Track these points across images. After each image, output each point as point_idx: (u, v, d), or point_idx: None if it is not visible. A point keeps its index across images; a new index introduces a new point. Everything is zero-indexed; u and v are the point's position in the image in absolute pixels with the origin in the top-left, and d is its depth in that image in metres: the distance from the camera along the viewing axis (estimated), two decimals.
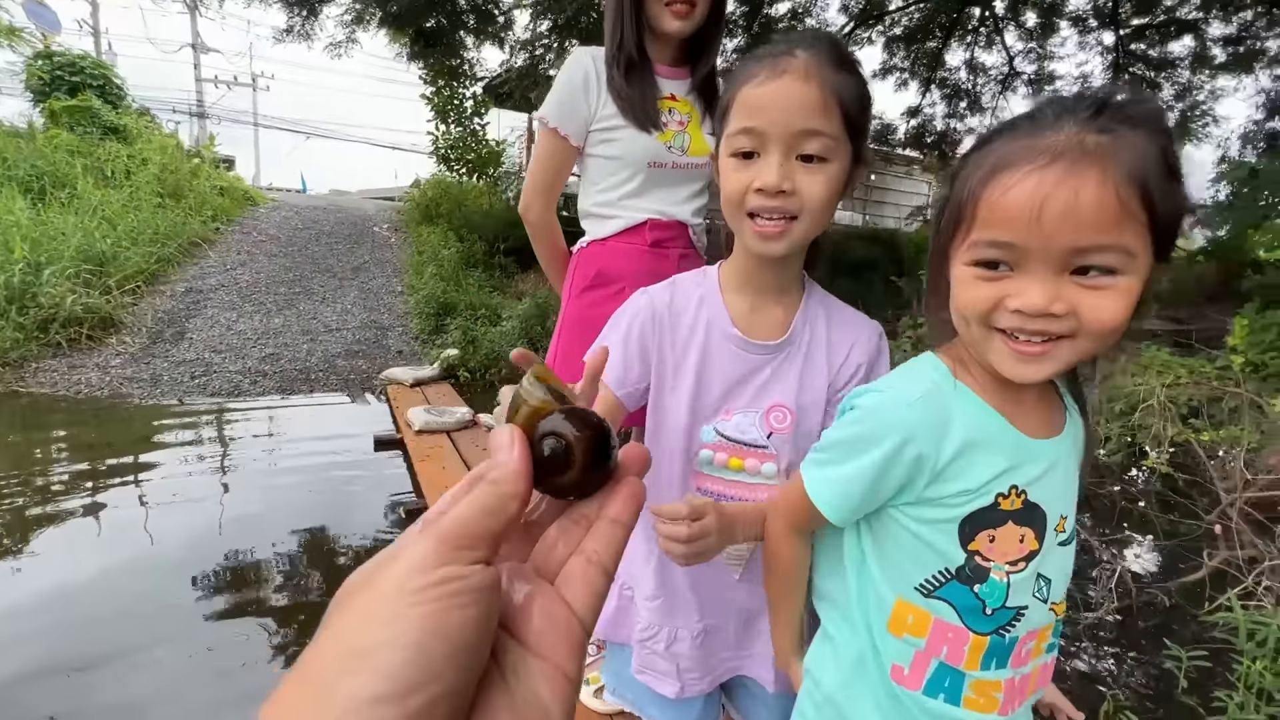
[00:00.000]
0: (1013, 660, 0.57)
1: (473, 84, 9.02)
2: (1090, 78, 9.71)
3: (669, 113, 1.16)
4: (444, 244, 7.48)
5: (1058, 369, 0.52)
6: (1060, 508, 0.57)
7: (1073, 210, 0.46)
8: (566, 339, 1.21)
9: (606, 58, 1.14)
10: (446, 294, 5.57)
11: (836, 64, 0.62)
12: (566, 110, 1.15)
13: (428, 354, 4.56)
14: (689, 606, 0.77)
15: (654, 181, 1.16)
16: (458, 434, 2.99)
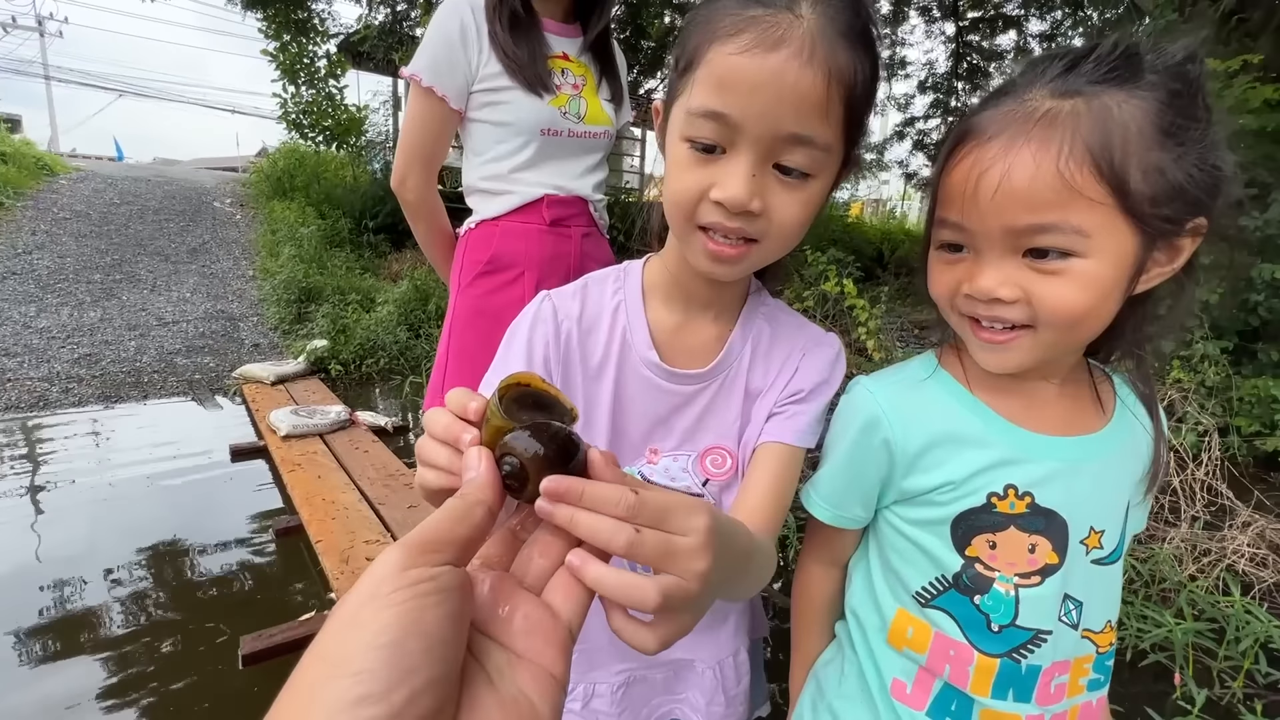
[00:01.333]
0: (1038, 695, 0.51)
1: (325, 41, 8.09)
2: (935, 64, 10.64)
3: (561, 74, 1.03)
4: (302, 221, 6.71)
5: (1026, 360, 0.48)
6: (1092, 518, 0.50)
7: (1006, 186, 0.42)
8: (459, 335, 1.07)
9: (487, 9, 0.99)
10: (309, 277, 4.99)
11: (852, 31, 0.45)
12: (443, 67, 0.98)
13: (290, 346, 4.06)
14: (608, 657, 0.65)
15: (548, 151, 1.04)
16: (333, 436, 2.68)
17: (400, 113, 9.24)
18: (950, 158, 0.47)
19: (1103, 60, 0.42)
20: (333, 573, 1.69)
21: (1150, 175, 0.41)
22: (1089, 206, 0.42)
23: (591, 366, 0.59)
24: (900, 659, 0.56)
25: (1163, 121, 0.41)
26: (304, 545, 1.97)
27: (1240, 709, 1.38)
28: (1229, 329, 3.31)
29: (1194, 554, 1.77)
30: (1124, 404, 0.53)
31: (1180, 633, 1.42)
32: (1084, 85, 0.42)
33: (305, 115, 8.54)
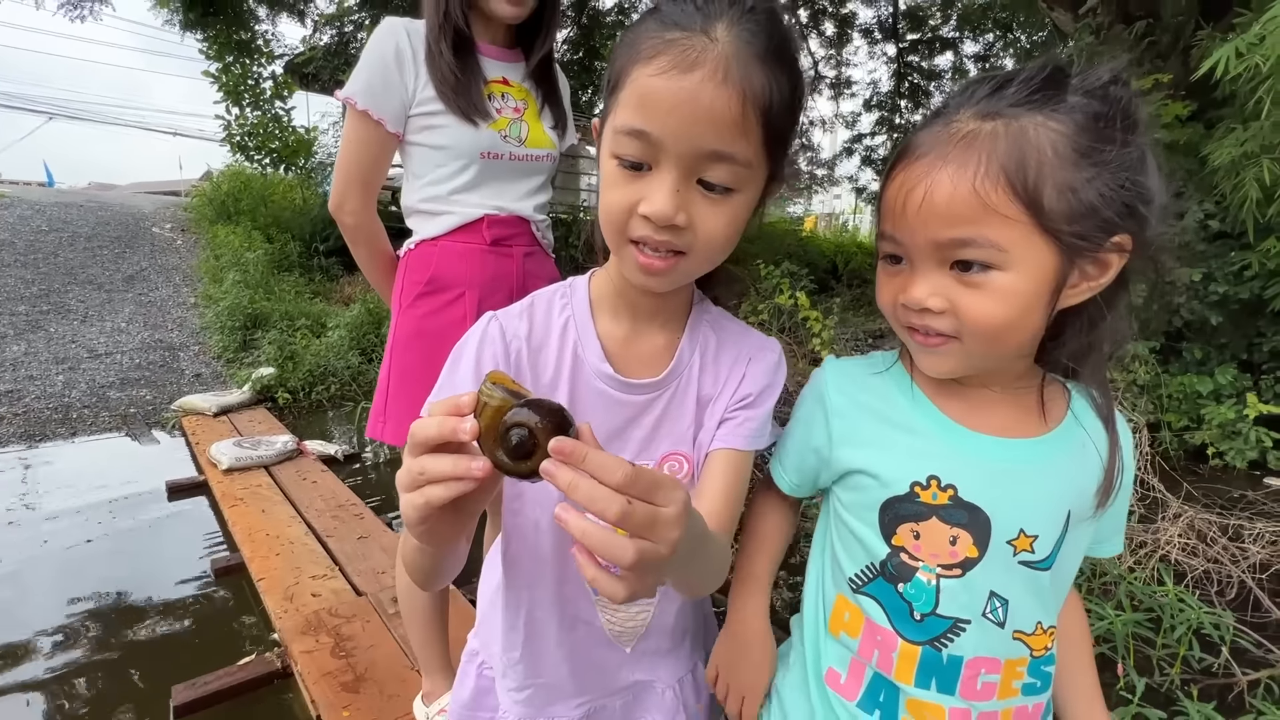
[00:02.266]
0: (962, 688, 0.52)
1: (270, 62, 7.92)
2: (879, 84, 11.09)
3: (502, 98, 1.04)
4: (248, 245, 6.50)
5: (957, 367, 0.51)
6: (1022, 521, 0.51)
7: (928, 203, 0.45)
8: (401, 357, 1.04)
9: (428, 34, 0.98)
10: (255, 303, 4.82)
11: (768, 53, 0.46)
12: (378, 90, 0.97)
13: (235, 375, 3.90)
14: (565, 693, 0.65)
15: (488, 174, 1.03)
16: (279, 468, 2.57)
17: None
18: (888, 175, 0.51)
19: (1027, 83, 0.44)
20: (275, 612, 1.61)
21: (1064, 195, 0.43)
22: (1004, 223, 0.44)
23: (543, 385, 0.59)
24: (837, 646, 0.58)
25: (1079, 143, 0.43)
26: (245, 584, 1.87)
27: (1178, 694, 1.43)
28: (1156, 330, 3.50)
29: (1131, 546, 1.84)
30: (1075, 416, 0.54)
31: (1120, 624, 1.48)
32: (1005, 108, 0.44)
33: (250, 137, 8.33)
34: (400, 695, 1.31)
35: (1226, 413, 3.00)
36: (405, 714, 1.26)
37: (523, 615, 0.63)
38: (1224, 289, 3.25)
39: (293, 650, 1.45)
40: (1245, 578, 1.68)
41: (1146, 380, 3.24)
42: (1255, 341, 3.44)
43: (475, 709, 0.70)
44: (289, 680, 1.47)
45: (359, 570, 1.81)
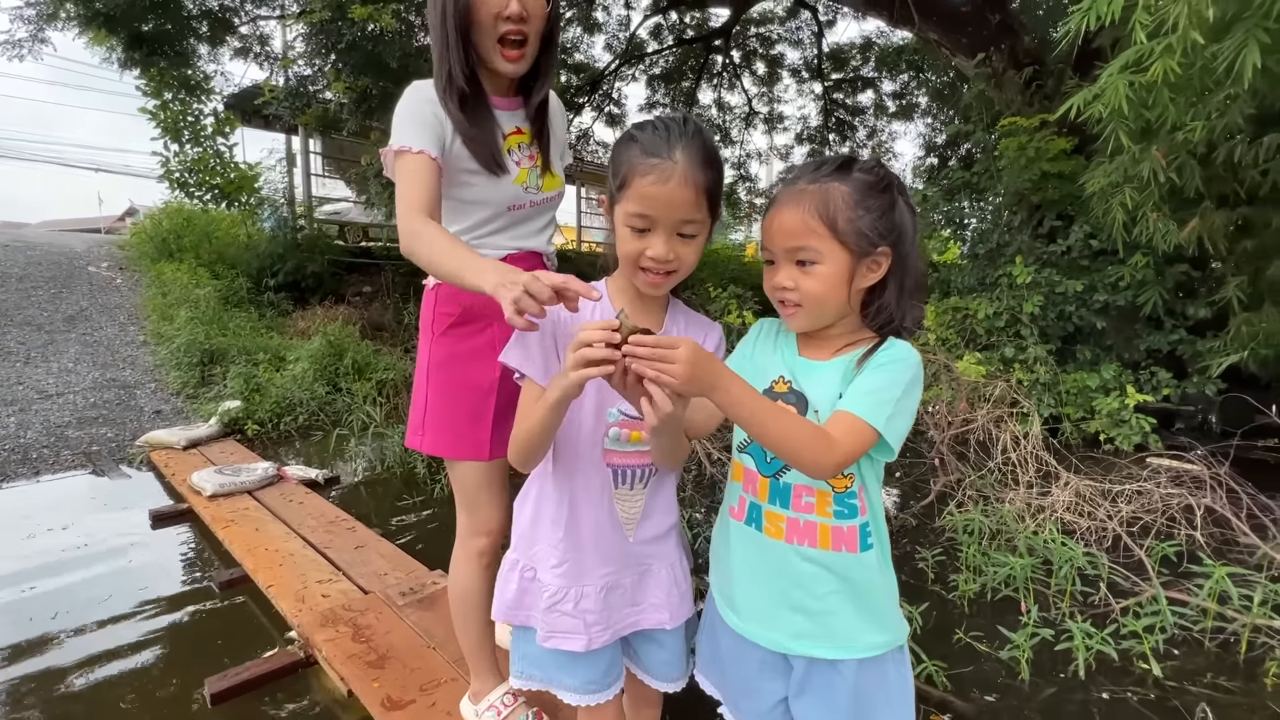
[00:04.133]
0: (793, 503, 0.83)
1: (211, 99, 7.89)
2: (808, 119, 11.90)
3: (519, 149, 1.16)
4: (196, 282, 6.42)
5: (804, 324, 0.84)
6: (818, 401, 0.81)
7: (782, 226, 0.80)
8: (438, 380, 1.20)
9: (437, 91, 1.06)
10: (211, 339, 4.80)
11: (706, 162, 0.81)
12: (415, 131, 1.05)
13: (198, 410, 3.90)
14: (593, 564, 0.91)
15: (513, 221, 1.19)
16: (262, 493, 2.66)
17: (295, 169, 9.07)
18: (766, 213, 0.85)
19: (830, 164, 0.80)
20: (290, 612, 1.74)
21: (848, 222, 0.77)
22: (819, 237, 0.78)
23: None
24: (734, 489, 0.89)
25: (855, 196, 0.78)
26: (249, 595, 1.98)
27: (1069, 624, 1.75)
28: (1054, 335, 4.01)
29: (1031, 510, 2.19)
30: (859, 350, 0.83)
31: (1019, 568, 1.80)
32: (821, 177, 0.79)
33: (190, 174, 8.20)
34: (422, 668, 1.48)
35: (1112, 404, 3.49)
36: (430, 681, 1.43)
37: (566, 502, 0.91)
38: (1105, 297, 3.78)
39: (315, 639, 1.59)
40: (1119, 530, 2.04)
41: (1047, 379, 3.71)
42: (1133, 341, 3.99)
43: (518, 606, 0.95)
44: (312, 669, 1.60)
45: (362, 574, 1.95)
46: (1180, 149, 3.35)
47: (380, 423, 3.41)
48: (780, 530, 0.83)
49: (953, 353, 4.12)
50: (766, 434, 0.73)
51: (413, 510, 2.77)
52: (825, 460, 0.73)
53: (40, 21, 5.44)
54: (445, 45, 1.05)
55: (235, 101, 8.40)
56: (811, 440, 0.73)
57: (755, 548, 0.85)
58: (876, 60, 10.76)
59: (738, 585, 0.88)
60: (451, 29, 1.03)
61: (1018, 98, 5.65)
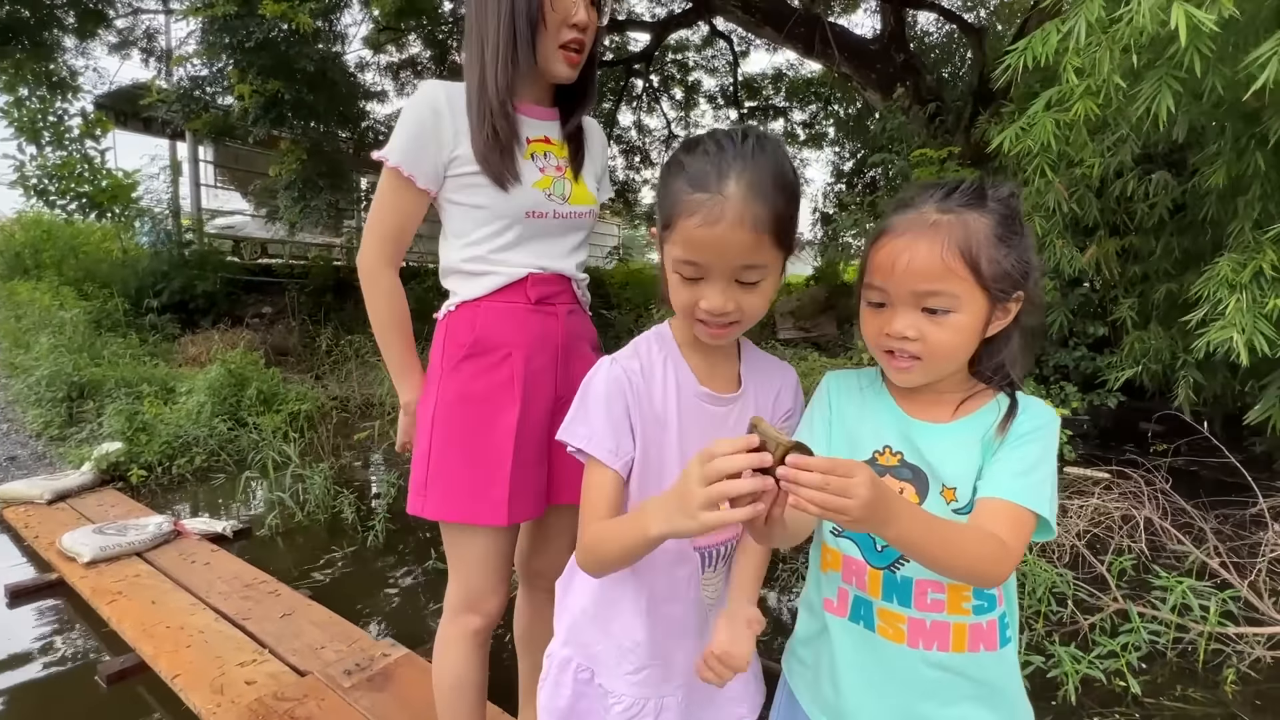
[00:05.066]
0: (915, 601, 0.70)
1: (78, 97, 7.02)
2: None
3: (544, 156, 1.05)
4: (59, 303, 5.59)
5: (919, 380, 0.71)
6: (944, 478, 0.70)
7: (912, 265, 0.66)
8: (444, 421, 1.02)
9: (469, 103, 0.99)
10: (81, 369, 4.15)
11: (769, 191, 0.65)
12: (412, 149, 0.98)
13: (67, 455, 3.32)
14: (679, 668, 0.77)
15: (532, 232, 1.04)
16: (156, 554, 2.25)
17: (181, 178, 8.21)
18: (875, 244, 0.71)
19: (964, 192, 0.68)
20: (206, 709, 1.44)
21: (991, 264, 0.66)
22: (959, 280, 0.66)
23: (656, 404, 0.76)
24: (828, 580, 0.76)
25: (997, 231, 0.67)
26: (148, 689, 1.63)
27: (1045, 644, 1.77)
28: None
29: None
30: (997, 404, 0.73)
31: None
32: (955, 206, 0.67)
33: (51, 180, 7.22)
34: None
35: None
36: None
37: (645, 595, 0.76)
38: None
39: None
40: (1077, 544, 2.12)
41: None
42: (1041, 359, 4.31)
43: (574, 713, 0.77)
44: None
45: (293, 649, 1.66)
46: (1079, 182, 3.67)
47: (297, 461, 3.02)
48: (900, 632, 0.70)
49: None
50: (937, 559, 0.61)
51: (345, 563, 2.45)
52: (1003, 570, 0.63)
53: None
54: (502, 42, 0.97)
55: (109, 101, 7.53)
56: (988, 554, 0.62)
57: (868, 652, 0.72)
58: (787, 91, 11.33)
59: (847, 696, 0.74)
60: (523, 26, 0.96)
61: (923, 130, 6.06)
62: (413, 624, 2.05)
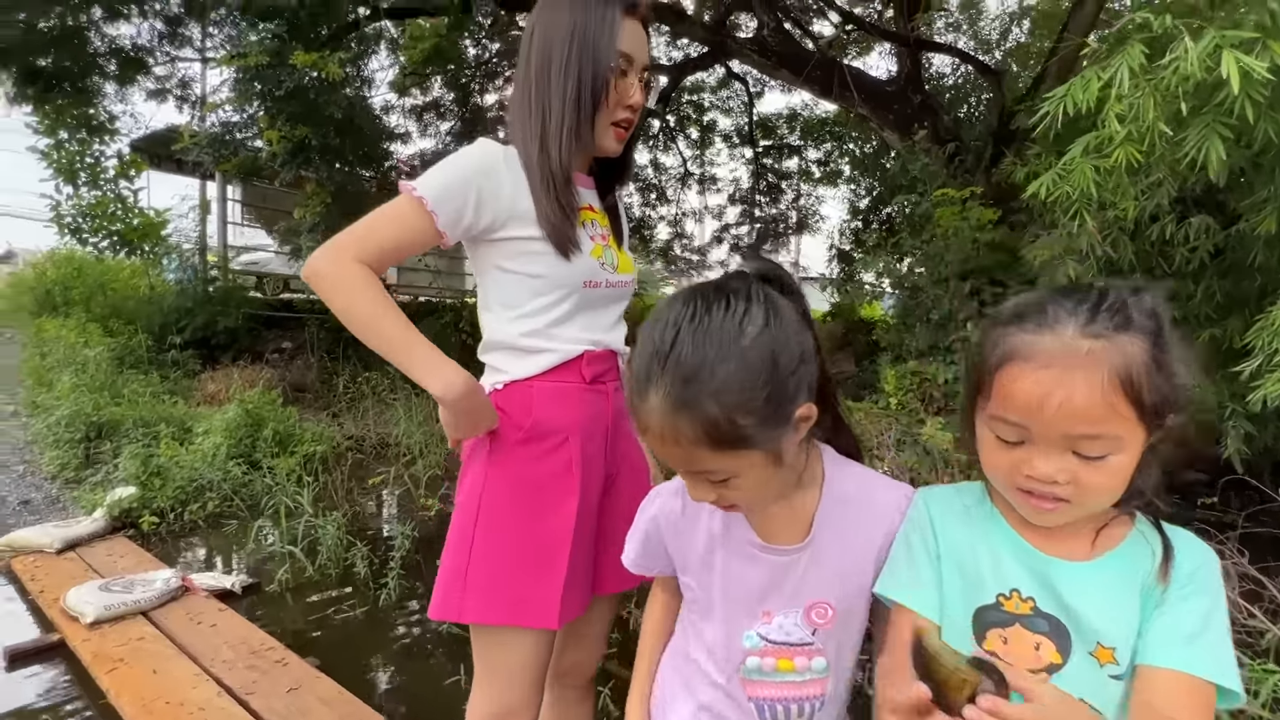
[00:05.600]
0: None
1: (115, 140, 7.26)
2: (740, 181, 12.43)
3: (591, 225, 1.01)
4: (85, 340, 5.66)
5: (1064, 520, 0.62)
6: (1099, 634, 0.59)
7: (1068, 407, 0.56)
8: (494, 509, 0.93)
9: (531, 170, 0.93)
10: (100, 409, 4.15)
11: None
12: (451, 192, 0.90)
13: (80, 499, 3.28)
14: None
15: (585, 304, 0.98)
16: (163, 612, 2.17)
17: (210, 217, 8.41)
18: (1005, 370, 0.60)
19: (1111, 310, 0.58)
20: None
21: (1153, 393, 0.56)
22: (1122, 421, 0.56)
23: (698, 550, 0.69)
24: None
25: (1153, 354, 0.57)
26: None
27: None
28: None
29: None
30: (1142, 536, 0.63)
31: None
32: (1103, 330, 0.57)
33: (85, 219, 7.43)
34: None
35: None
36: None
37: None
38: None
39: None
40: None
41: None
42: None
43: None
44: None
45: None
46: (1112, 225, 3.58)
47: (310, 511, 2.94)
48: None
49: (913, 417, 4.15)
50: None
51: (357, 625, 2.34)
52: None
53: None
54: (567, 118, 0.94)
55: (144, 143, 7.77)
56: None
57: None
58: (802, 129, 11.45)
59: None
60: (586, 104, 0.93)
61: (942, 171, 6.04)
62: (427, 703, 1.93)
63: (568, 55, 0.92)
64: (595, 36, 0.91)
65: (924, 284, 4.69)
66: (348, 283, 0.87)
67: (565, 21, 0.92)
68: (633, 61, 0.95)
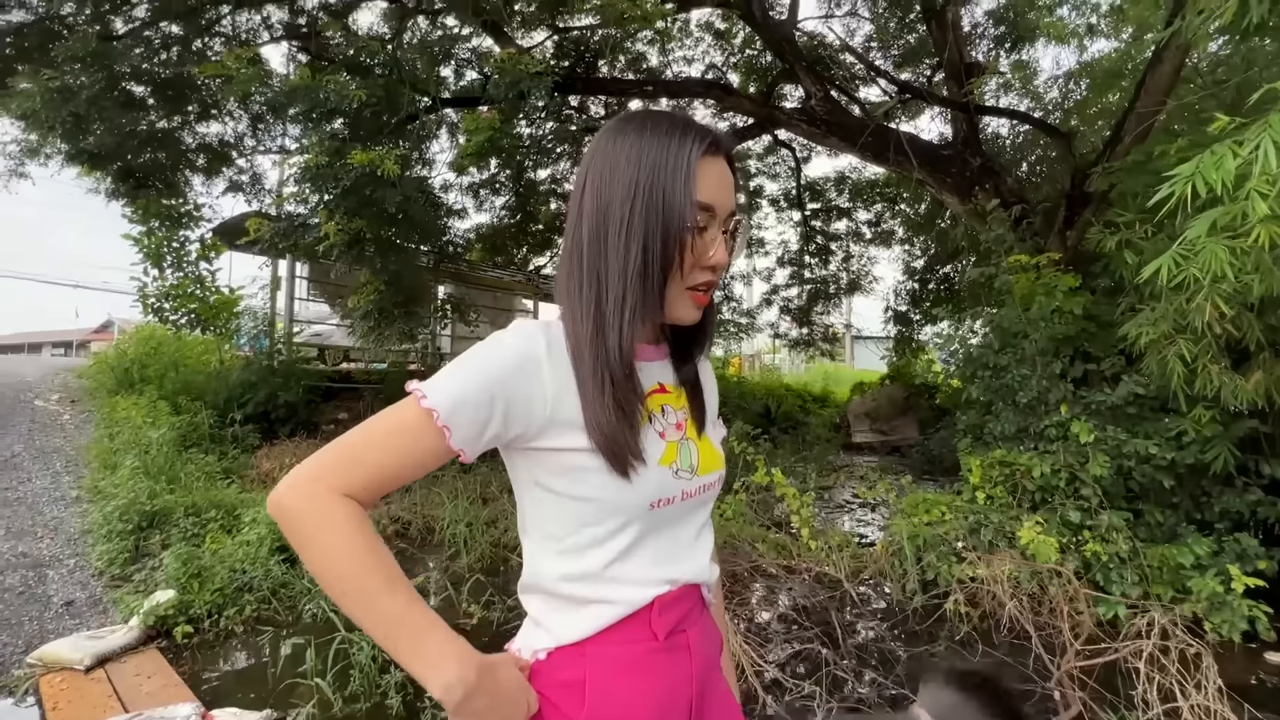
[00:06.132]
0: None
1: (199, 226, 7.79)
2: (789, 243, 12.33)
3: (662, 414, 0.76)
4: (151, 420, 5.83)
5: None
6: None
7: None
8: None
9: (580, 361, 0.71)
10: (155, 497, 4.16)
11: None
12: (470, 404, 0.67)
13: (120, 602, 3.20)
14: None
15: (654, 527, 0.74)
16: None
17: (279, 293, 8.83)
18: None
19: None
20: None
21: None
22: None
23: None
24: None
25: None
26: None
27: None
28: (1116, 495, 3.61)
29: None
30: None
31: None
32: None
33: (168, 299, 7.94)
34: None
35: (1213, 585, 3.01)
36: None
37: None
38: (1171, 454, 3.42)
39: None
40: None
41: (1126, 552, 3.25)
42: (1202, 501, 3.60)
43: None
44: None
45: None
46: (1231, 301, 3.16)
47: (344, 629, 2.72)
48: None
49: (1004, 513, 3.68)
50: None
51: None
52: None
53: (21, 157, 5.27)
54: (630, 291, 0.70)
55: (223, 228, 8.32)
56: None
57: None
58: (851, 192, 11.32)
59: None
60: (655, 276, 0.70)
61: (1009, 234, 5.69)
62: None
63: (629, 215, 0.70)
64: (667, 189, 0.69)
65: (1007, 363, 4.28)
66: (324, 531, 0.64)
67: (627, 169, 0.71)
68: (715, 213, 0.73)
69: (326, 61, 5.60)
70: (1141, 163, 4.34)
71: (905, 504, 3.96)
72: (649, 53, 8.59)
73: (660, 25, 6.01)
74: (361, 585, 0.63)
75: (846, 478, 7.00)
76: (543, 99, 3.86)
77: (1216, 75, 5.60)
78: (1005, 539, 3.49)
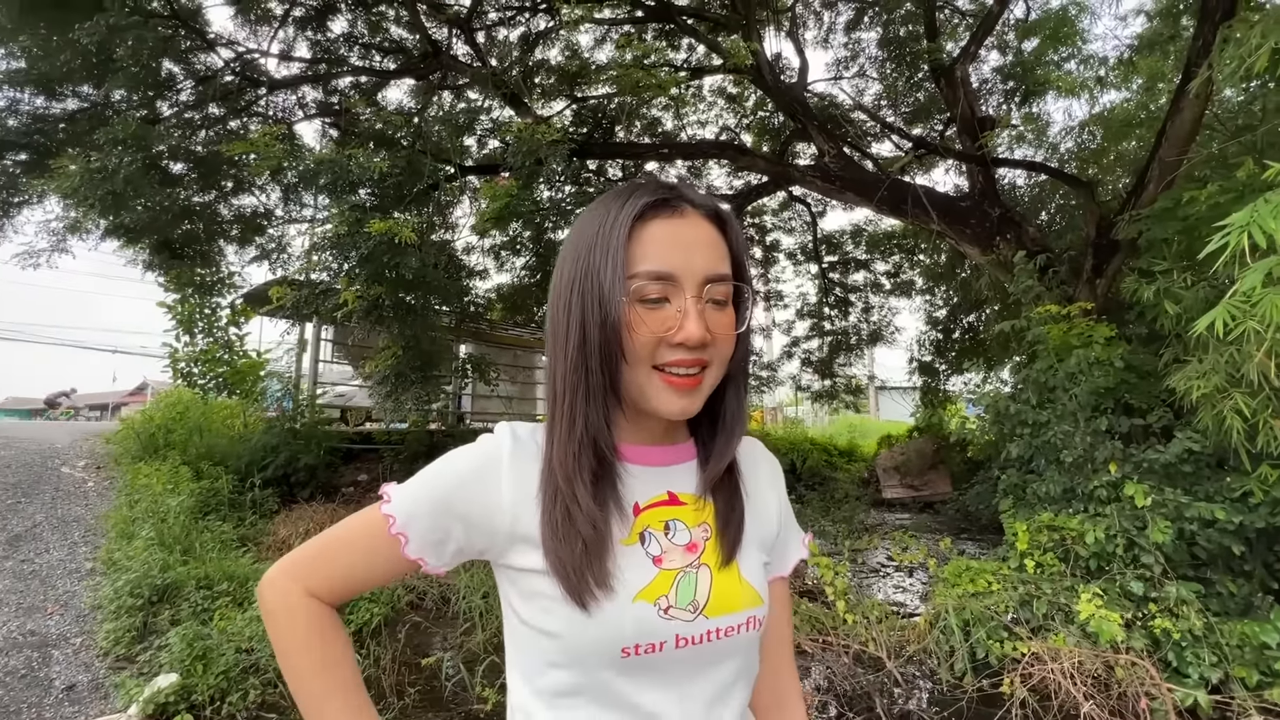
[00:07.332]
0: None
1: (230, 294, 8.03)
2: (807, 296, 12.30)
3: (665, 532, 0.63)
4: (172, 487, 5.81)
5: None
6: None
7: None
8: None
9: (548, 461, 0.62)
10: (167, 569, 4.07)
11: None
12: (420, 518, 0.62)
13: (120, 686, 3.06)
14: None
15: (640, 679, 0.59)
16: None
17: (305, 355, 8.97)
18: None
19: None
20: None
21: None
22: None
23: None
24: None
25: None
26: None
27: None
28: (1180, 562, 3.33)
29: None
30: None
31: None
32: None
33: (196, 365, 8.12)
34: None
35: None
36: None
37: None
38: (1239, 518, 3.16)
39: None
40: None
41: (1199, 628, 2.96)
42: (1277, 569, 3.30)
43: None
44: None
45: None
46: None
47: None
48: None
49: (1057, 583, 3.41)
50: None
51: None
52: None
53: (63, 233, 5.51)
54: (580, 387, 0.62)
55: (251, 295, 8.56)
56: None
57: None
58: (867, 244, 11.33)
59: None
60: (596, 363, 0.60)
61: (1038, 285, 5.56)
62: None
63: (570, 301, 0.62)
64: (596, 265, 0.60)
65: (1047, 419, 4.07)
66: (285, 634, 0.64)
67: (567, 254, 0.64)
68: (675, 279, 0.60)
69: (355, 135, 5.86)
70: (1170, 209, 4.25)
71: (947, 572, 3.70)
72: (664, 117, 8.86)
73: (674, 92, 6.21)
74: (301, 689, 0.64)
75: (879, 538, 6.67)
76: (560, 164, 3.94)
77: (1238, 121, 5.55)
78: (1060, 612, 3.21)
